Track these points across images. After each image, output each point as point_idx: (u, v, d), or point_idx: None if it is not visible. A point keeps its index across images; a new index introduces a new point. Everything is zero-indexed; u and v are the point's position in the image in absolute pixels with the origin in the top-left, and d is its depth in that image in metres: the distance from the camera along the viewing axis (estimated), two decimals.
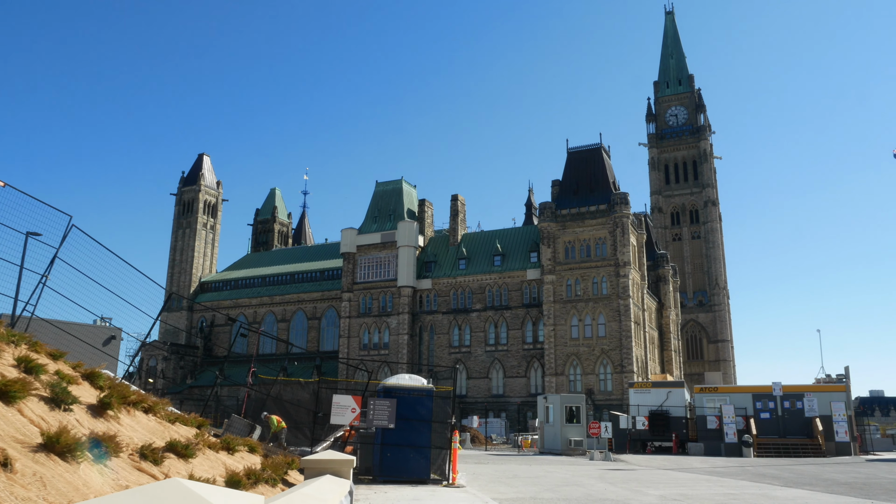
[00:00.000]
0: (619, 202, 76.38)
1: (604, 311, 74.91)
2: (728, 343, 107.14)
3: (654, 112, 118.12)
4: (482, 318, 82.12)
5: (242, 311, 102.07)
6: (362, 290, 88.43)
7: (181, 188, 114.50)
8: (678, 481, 20.45)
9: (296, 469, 12.63)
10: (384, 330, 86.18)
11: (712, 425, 38.49)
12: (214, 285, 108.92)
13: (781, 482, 20.04)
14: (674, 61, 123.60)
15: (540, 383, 76.92)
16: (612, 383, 73.23)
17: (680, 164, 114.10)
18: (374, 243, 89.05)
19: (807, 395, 37.99)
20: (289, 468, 12.12)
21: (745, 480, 20.68)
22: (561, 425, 36.38)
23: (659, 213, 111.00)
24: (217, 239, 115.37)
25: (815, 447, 36.55)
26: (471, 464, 27.31)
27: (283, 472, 11.41)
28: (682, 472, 24.78)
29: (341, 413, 16.63)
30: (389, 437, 16.55)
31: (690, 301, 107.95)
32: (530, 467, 25.89)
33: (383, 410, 16.31)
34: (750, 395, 39.01)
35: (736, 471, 25.15)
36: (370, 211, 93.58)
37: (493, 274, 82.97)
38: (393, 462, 16.52)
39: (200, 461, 9.50)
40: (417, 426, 16.75)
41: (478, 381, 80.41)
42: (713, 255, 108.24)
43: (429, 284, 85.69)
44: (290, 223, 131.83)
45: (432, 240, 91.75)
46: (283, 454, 20.20)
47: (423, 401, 17.12)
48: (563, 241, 78.29)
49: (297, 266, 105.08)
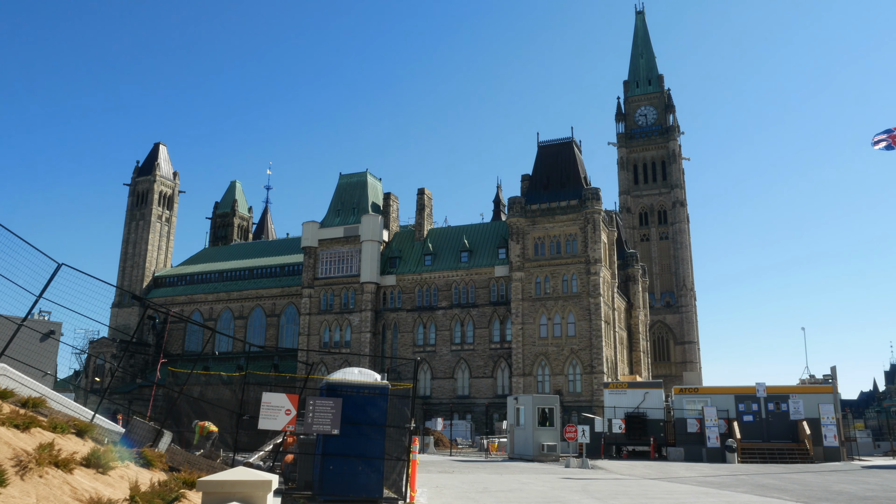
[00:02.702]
0: (590, 197, 74.08)
1: (574, 309, 72.50)
2: (695, 344, 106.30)
3: (624, 111, 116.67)
4: (448, 317, 79.17)
5: (198, 308, 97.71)
6: (323, 285, 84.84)
7: (135, 178, 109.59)
8: (674, 495, 17.67)
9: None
10: (346, 327, 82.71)
11: (693, 429, 35.97)
12: (169, 280, 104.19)
13: (791, 496, 17.38)
14: (644, 61, 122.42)
15: (507, 384, 74.23)
16: (581, 384, 70.85)
17: (649, 165, 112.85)
18: (336, 237, 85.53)
19: (792, 397, 35.67)
20: (187, 488, 8.96)
21: (748, 494, 18.00)
22: (533, 428, 33.53)
23: (627, 214, 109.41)
24: (173, 232, 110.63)
25: (801, 452, 34.22)
26: (434, 473, 24.27)
27: (171, 499, 8.24)
28: (671, 482, 22.04)
29: (272, 415, 13.38)
30: (333, 445, 13.25)
31: (658, 302, 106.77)
32: (501, 477, 22.92)
33: (325, 412, 13.06)
34: (732, 396, 36.56)
35: (730, 481, 22.50)
36: (333, 204, 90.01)
37: (459, 270, 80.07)
38: (337, 477, 13.19)
39: (26, 488, 6.43)
40: (368, 432, 13.45)
41: (442, 381, 77.42)
42: (681, 256, 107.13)
43: (393, 281, 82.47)
44: (250, 217, 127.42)
45: (397, 235, 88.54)
46: (213, 463, 16.94)
47: (376, 401, 13.72)
48: (533, 238, 75.72)
49: (256, 261, 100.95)
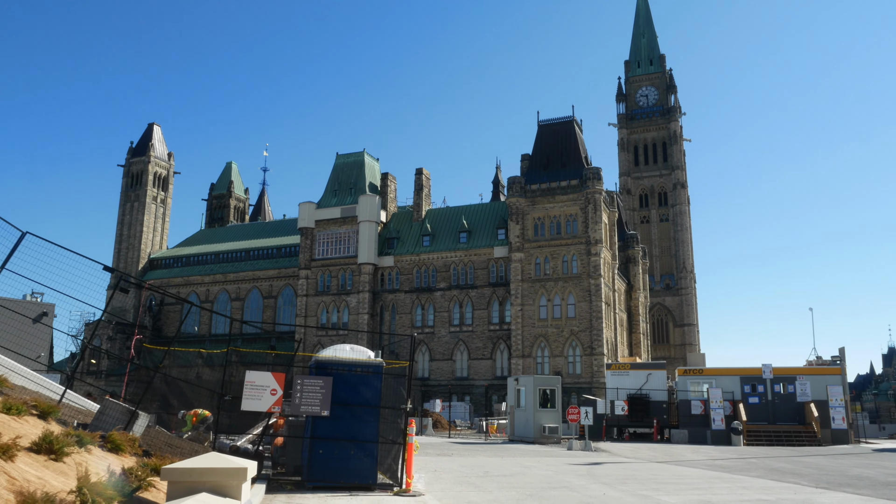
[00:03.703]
0: (591, 177, 72.90)
1: (574, 290, 71.59)
2: (694, 327, 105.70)
3: (625, 92, 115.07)
4: (446, 298, 78.25)
5: (194, 290, 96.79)
6: (320, 267, 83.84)
7: (129, 159, 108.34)
8: (685, 480, 16.78)
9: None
10: (343, 309, 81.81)
11: (697, 410, 35.14)
12: (165, 262, 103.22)
13: (809, 481, 16.50)
14: (645, 41, 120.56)
15: (506, 366, 73.50)
16: (581, 366, 70.12)
17: (650, 146, 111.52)
18: (333, 218, 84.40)
19: (799, 379, 34.81)
20: (155, 475, 7.98)
21: (763, 479, 17.10)
22: (534, 410, 32.66)
23: (627, 196, 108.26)
24: (168, 213, 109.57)
25: (809, 435, 33.42)
26: (432, 455, 23.41)
27: (132, 490, 7.25)
28: (679, 465, 21.17)
29: (257, 396, 12.36)
30: (322, 428, 12.25)
31: (657, 284, 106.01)
32: (502, 460, 22.04)
33: (314, 392, 12.07)
34: (738, 377, 35.70)
35: (741, 464, 21.63)
36: (330, 184, 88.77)
37: (458, 251, 79.04)
38: (327, 462, 12.18)
39: None
40: (361, 413, 12.43)
41: (441, 362, 76.67)
42: (681, 238, 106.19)
43: (391, 262, 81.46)
44: (247, 199, 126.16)
45: (395, 215, 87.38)
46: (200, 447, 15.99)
47: (369, 380, 12.67)
48: (533, 218, 74.62)
49: (252, 242, 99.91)
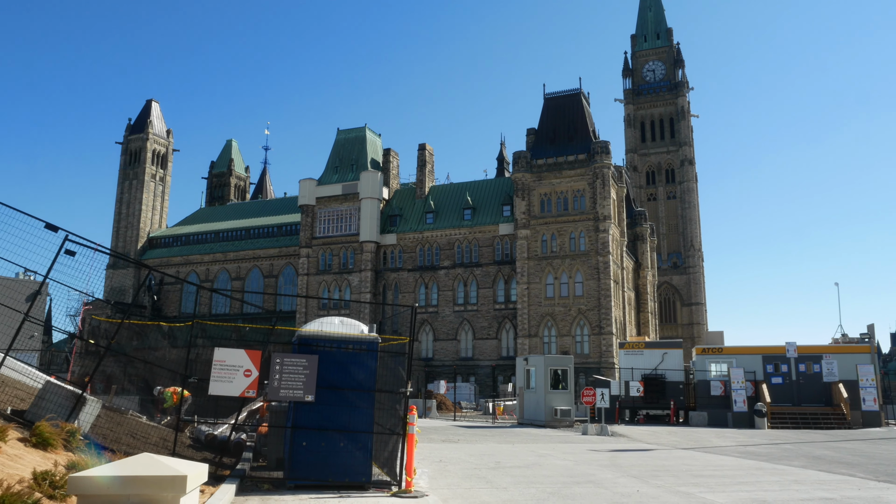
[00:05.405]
0: (599, 151, 70.57)
1: (581, 268, 69.58)
2: (702, 306, 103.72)
3: (631, 67, 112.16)
4: (450, 276, 76.31)
5: (194, 269, 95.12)
6: (322, 245, 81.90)
7: (127, 136, 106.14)
8: (723, 472, 14.85)
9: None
10: (345, 288, 79.97)
11: (716, 391, 33.26)
12: (164, 241, 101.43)
13: (865, 472, 14.57)
14: (652, 14, 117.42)
15: (512, 345, 71.71)
16: (589, 345, 68.28)
17: (656, 122, 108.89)
18: (334, 195, 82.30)
19: (825, 357, 32.85)
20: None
21: (809, 469, 15.19)
22: (545, 392, 30.78)
23: (634, 173, 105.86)
24: (167, 192, 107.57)
25: (837, 417, 31.51)
26: (437, 442, 21.54)
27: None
28: (709, 452, 19.26)
29: (227, 377, 10.37)
30: (307, 416, 10.22)
31: (664, 263, 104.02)
32: (514, 447, 20.15)
33: (296, 374, 10.10)
34: (760, 357, 33.75)
35: (776, 452, 19.71)
36: (331, 161, 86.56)
37: (462, 228, 76.97)
38: (312, 456, 10.20)
39: None
40: (352, 399, 10.39)
41: (445, 342, 74.91)
42: (689, 215, 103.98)
43: (393, 239, 79.45)
44: (247, 177, 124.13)
45: (398, 192, 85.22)
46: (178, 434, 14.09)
47: (362, 359, 10.52)
48: (539, 194, 72.43)
49: (253, 221, 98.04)
